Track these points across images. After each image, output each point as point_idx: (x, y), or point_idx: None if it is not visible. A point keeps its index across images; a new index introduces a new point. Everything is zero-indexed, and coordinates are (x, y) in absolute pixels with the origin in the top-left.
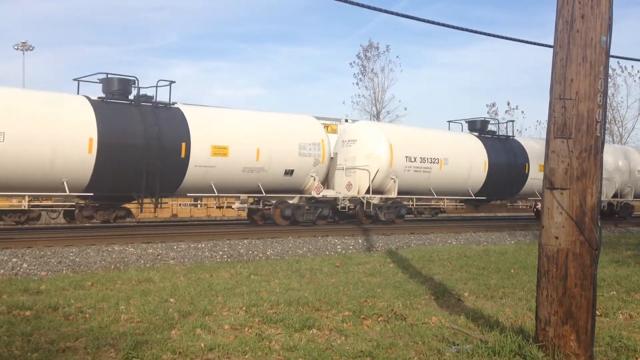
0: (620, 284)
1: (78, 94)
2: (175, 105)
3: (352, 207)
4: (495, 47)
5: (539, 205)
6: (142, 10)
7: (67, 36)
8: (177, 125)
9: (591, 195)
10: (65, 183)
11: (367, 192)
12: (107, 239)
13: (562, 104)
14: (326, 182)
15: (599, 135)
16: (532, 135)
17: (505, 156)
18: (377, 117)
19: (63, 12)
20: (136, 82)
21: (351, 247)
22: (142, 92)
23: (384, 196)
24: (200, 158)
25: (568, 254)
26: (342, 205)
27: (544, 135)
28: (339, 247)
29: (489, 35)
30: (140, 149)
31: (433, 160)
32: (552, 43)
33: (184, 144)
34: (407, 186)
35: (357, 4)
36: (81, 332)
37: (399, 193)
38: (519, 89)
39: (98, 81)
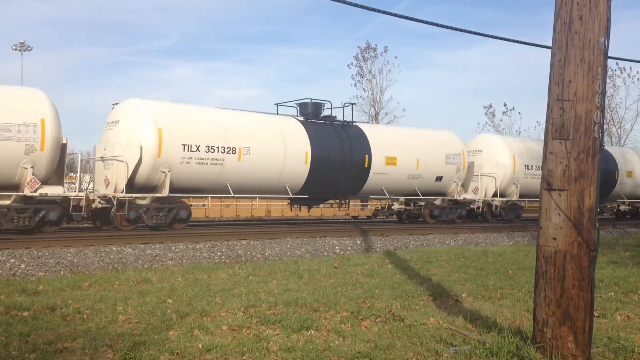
0: (618, 285)
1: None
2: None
3: (480, 208)
4: (494, 48)
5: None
6: (142, 12)
7: (66, 37)
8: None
9: (589, 196)
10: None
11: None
12: (105, 239)
13: (560, 105)
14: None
15: (597, 136)
16: (531, 135)
17: (340, 147)
18: (375, 118)
19: (62, 12)
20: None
21: (349, 248)
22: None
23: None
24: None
25: (566, 255)
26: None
27: (542, 136)
28: (337, 248)
29: (488, 36)
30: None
31: (228, 150)
32: (550, 44)
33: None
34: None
35: (357, 5)
36: (79, 333)
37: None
38: (518, 90)
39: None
